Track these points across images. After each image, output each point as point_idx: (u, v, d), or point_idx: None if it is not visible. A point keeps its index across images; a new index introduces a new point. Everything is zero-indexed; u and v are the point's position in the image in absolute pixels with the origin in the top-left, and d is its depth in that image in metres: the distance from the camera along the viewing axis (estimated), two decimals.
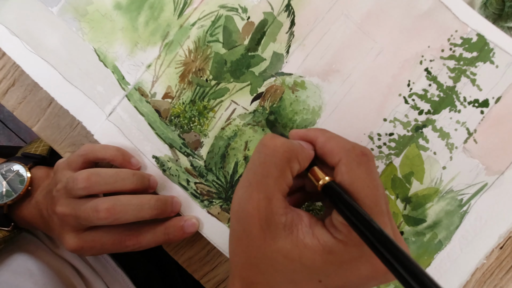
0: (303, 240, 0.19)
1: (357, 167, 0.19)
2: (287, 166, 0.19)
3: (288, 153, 0.20)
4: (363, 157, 0.20)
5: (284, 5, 0.28)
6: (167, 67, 0.29)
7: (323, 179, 0.20)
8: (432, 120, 0.27)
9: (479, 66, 0.27)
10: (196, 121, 0.29)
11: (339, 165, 0.20)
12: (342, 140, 0.21)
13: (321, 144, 0.21)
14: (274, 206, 0.19)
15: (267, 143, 0.20)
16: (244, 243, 0.20)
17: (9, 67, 0.32)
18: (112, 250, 0.27)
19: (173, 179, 0.29)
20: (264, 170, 0.19)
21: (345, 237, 0.18)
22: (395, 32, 0.28)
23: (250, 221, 0.19)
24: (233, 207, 0.21)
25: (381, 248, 0.15)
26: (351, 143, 0.20)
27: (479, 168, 0.27)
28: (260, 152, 0.20)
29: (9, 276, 0.30)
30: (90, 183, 0.25)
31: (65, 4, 0.30)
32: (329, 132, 0.22)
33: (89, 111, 0.30)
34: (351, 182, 0.19)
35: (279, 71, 0.28)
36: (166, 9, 0.29)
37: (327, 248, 0.18)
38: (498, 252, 0.29)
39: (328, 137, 0.21)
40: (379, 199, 0.19)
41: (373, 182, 0.19)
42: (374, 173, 0.20)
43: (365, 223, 0.17)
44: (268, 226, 0.19)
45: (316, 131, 0.22)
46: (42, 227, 0.31)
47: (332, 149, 0.20)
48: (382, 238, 0.16)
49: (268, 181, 0.19)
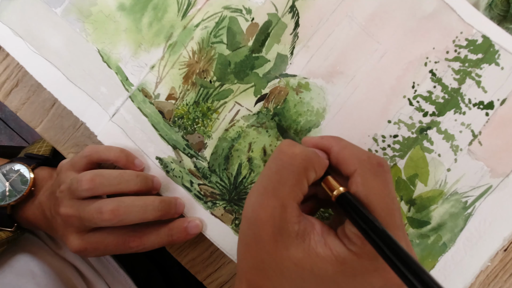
0: (315, 249, 0.18)
1: (373, 179, 0.19)
2: (303, 174, 0.19)
3: (306, 162, 0.19)
4: (379, 168, 0.19)
5: (289, 7, 0.28)
6: (171, 68, 0.29)
7: (338, 190, 0.19)
8: (436, 122, 0.27)
9: (484, 68, 0.27)
10: (199, 123, 0.29)
11: (355, 175, 0.19)
12: (357, 149, 0.20)
13: (335, 153, 0.21)
14: (288, 214, 0.19)
15: (285, 150, 0.20)
16: (253, 249, 0.20)
17: (12, 68, 0.32)
18: (115, 251, 0.27)
19: (176, 180, 0.29)
20: (281, 177, 0.19)
21: (358, 249, 0.18)
22: (400, 33, 0.27)
23: (262, 227, 0.19)
24: (246, 212, 0.20)
25: (397, 262, 0.15)
26: (366, 153, 0.20)
27: (483, 171, 0.27)
28: (277, 158, 0.20)
29: (12, 278, 0.30)
30: (94, 185, 0.25)
31: (69, 5, 0.30)
32: (344, 141, 0.21)
33: (92, 112, 0.30)
34: (366, 193, 0.19)
35: (283, 72, 0.28)
36: (170, 10, 0.29)
37: (340, 259, 0.18)
38: (502, 255, 0.29)
39: (343, 146, 0.21)
40: (395, 212, 0.19)
41: (389, 195, 0.19)
42: (390, 185, 0.19)
43: (381, 236, 0.16)
44: (281, 233, 0.19)
45: (330, 139, 0.21)
46: (45, 227, 0.31)
47: (347, 158, 0.20)
48: (399, 252, 0.15)
49: (284, 189, 0.19)
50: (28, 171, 0.31)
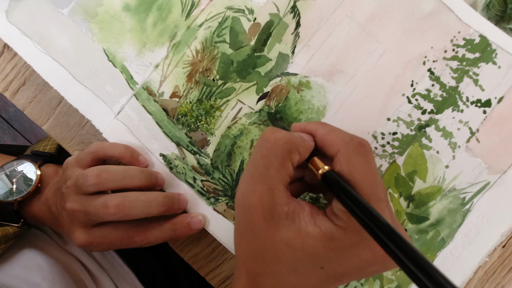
0: (305, 229, 0.19)
1: (355, 157, 0.20)
2: (287, 157, 0.20)
3: (288, 145, 0.20)
4: (361, 148, 0.20)
5: (290, 7, 0.29)
6: (175, 67, 0.30)
7: (323, 168, 0.20)
8: (435, 120, 0.28)
9: (481, 67, 0.27)
10: (203, 120, 0.29)
11: (338, 155, 0.20)
12: (341, 132, 0.22)
13: (321, 135, 0.22)
14: (276, 196, 0.19)
15: (267, 136, 0.21)
16: (248, 235, 0.20)
17: (20, 67, 0.33)
18: (120, 246, 0.27)
19: (180, 176, 0.30)
20: (266, 162, 0.20)
21: (344, 224, 0.19)
22: (398, 33, 0.28)
23: (253, 212, 0.20)
24: (237, 200, 0.21)
25: (379, 232, 0.16)
26: (349, 135, 0.21)
27: (481, 167, 0.27)
28: (261, 145, 0.21)
29: (19, 270, 0.31)
30: (100, 180, 0.26)
31: (76, 6, 0.31)
32: (329, 125, 0.22)
33: (98, 110, 0.31)
34: (349, 171, 0.19)
35: (284, 71, 0.29)
36: (174, 10, 0.30)
37: (328, 235, 0.19)
38: (500, 251, 0.29)
39: (328, 130, 0.22)
40: (377, 186, 0.19)
41: (370, 171, 0.20)
42: (372, 162, 0.20)
43: (363, 209, 0.17)
44: (271, 216, 0.19)
45: (316, 124, 0.22)
46: (51, 223, 0.32)
47: (332, 140, 0.21)
48: (379, 223, 0.16)
49: (270, 173, 0.20)
50: (35, 168, 0.32)
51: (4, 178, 0.31)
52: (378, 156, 0.28)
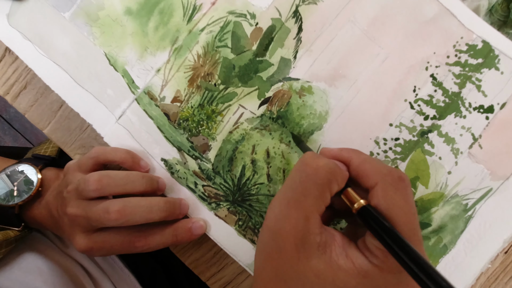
0: (337, 261, 0.18)
1: (395, 192, 0.19)
2: (327, 186, 0.19)
3: (330, 174, 0.20)
4: (400, 183, 0.19)
5: (292, 12, 0.29)
6: (176, 71, 0.30)
7: (359, 202, 0.19)
8: (437, 126, 0.28)
9: (484, 73, 0.27)
10: (204, 125, 0.29)
11: (376, 188, 0.19)
12: (378, 162, 0.21)
13: (355, 165, 0.21)
14: (311, 225, 0.19)
15: (309, 162, 0.20)
16: (275, 260, 0.20)
17: (21, 71, 0.33)
18: (121, 251, 0.27)
19: (181, 181, 0.30)
20: (305, 189, 0.19)
21: (381, 263, 0.18)
22: (401, 38, 0.28)
23: (285, 238, 0.19)
24: (268, 223, 0.20)
25: (423, 276, 0.15)
26: (387, 167, 0.20)
27: (484, 173, 0.27)
28: (301, 170, 0.20)
29: (20, 274, 0.31)
30: (101, 185, 0.26)
31: (77, 9, 0.31)
32: (363, 154, 0.22)
33: (99, 114, 0.31)
34: (388, 207, 0.19)
35: (286, 76, 0.29)
36: (176, 14, 0.30)
37: (362, 272, 0.18)
38: (503, 257, 0.29)
39: (363, 159, 0.21)
40: (416, 226, 0.19)
41: (410, 209, 0.19)
42: (411, 199, 0.19)
43: (406, 250, 0.16)
44: (303, 245, 0.19)
45: (349, 152, 0.21)
46: (52, 227, 0.31)
47: (368, 171, 0.20)
48: (424, 266, 0.15)
49: (307, 201, 0.19)
50: (36, 172, 0.32)
51: (5, 179, 0.31)
52: None
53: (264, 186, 0.29)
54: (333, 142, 0.28)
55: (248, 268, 0.29)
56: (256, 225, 0.29)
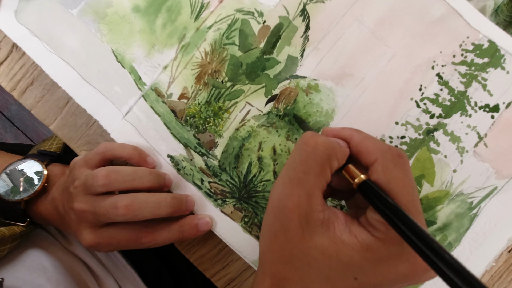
0: (341, 237, 0.19)
1: (394, 168, 0.19)
2: (327, 163, 0.20)
3: (329, 150, 0.20)
4: (399, 159, 0.20)
5: (300, 10, 0.29)
6: (184, 68, 0.30)
7: (359, 177, 0.20)
8: (443, 124, 0.28)
9: (490, 72, 0.28)
10: (211, 122, 0.30)
11: (376, 164, 0.20)
12: (377, 140, 0.21)
13: (356, 142, 0.21)
14: (313, 202, 0.19)
15: (308, 141, 0.20)
16: (280, 239, 0.20)
17: (28, 67, 0.33)
18: (127, 246, 0.27)
19: (187, 178, 0.30)
20: (305, 167, 0.20)
21: (383, 235, 0.18)
22: (408, 37, 0.28)
23: (289, 216, 0.19)
24: (271, 202, 0.21)
25: (422, 246, 0.16)
26: (386, 145, 0.21)
27: (489, 172, 0.28)
28: (300, 149, 0.20)
29: (24, 272, 0.31)
30: (109, 181, 0.26)
31: (85, 7, 0.31)
32: (363, 132, 0.22)
33: (106, 110, 0.31)
34: (387, 181, 0.19)
35: (293, 74, 0.29)
36: (183, 12, 0.30)
37: (365, 245, 0.18)
38: (507, 255, 0.29)
39: (364, 137, 0.21)
40: (416, 199, 0.19)
41: (409, 183, 0.19)
42: (410, 174, 0.20)
43: (405, 221, 0.17)
44: (307, 222, 0.19)
45: (350, 130, 0.22)
46: (58, 223, 0.31)
47: (368, 148, 0.20)
48: (423, 236, 0.16)
49: (308, 178, 0.20)
50: (41, 167, 0.32)
51: (11, 174, 0.31)
52: None
53: (270, 183, 0.29)
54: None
55: (254, 265, 0.29)
56: (261, 222, 0.29)
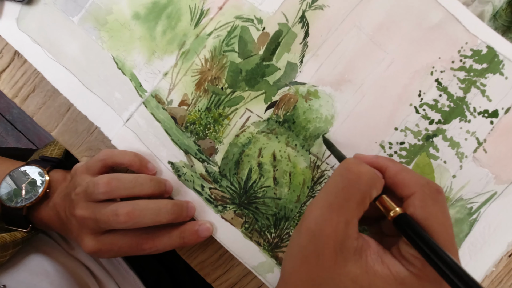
0: (373, 267, 0.19)
1: (432, 203, 0.19)
2: (368, 193, 0.20)
3: (372, 181, 0.20)
4: (438, 195, 0.20)
5: (299, 17, 0.29)
6: (184, 75, 0.30)
7: (395, 210, 0.20)
8: (442, 130, 0.28)
9: (488, 78, 0.28)
10: (211, 128, 0.30)
11: (413, 198, 0.20)
12: (414, 173, 0.21)
13: (392, 173, 0.21)
14: (350, 230, 0.19)
15: (352, 168, 0.20)
16: (312, 263, 0.20)
17: (30, 74, 0.33)
18: (128, 253, 0.28)
19: (188, 184, 0.30)
20: (347, 194, 0.20)
21: (419, 271, 0.18)
22: (406, 43, 0.28)
23: (325, 241, 0.19)
24: (307, 224, 0.20)
25: (463, 286, 0.16)
26: (425, 178, 0.20)
27: (488, 177, 0.28)
28: (343, 176, 0.20)
29: (27, 276, 0.31)
30: (110, 188, 0.26)
31: (86, 14, 0.31)
32: (398, 163, 0.22)
33: (107, 117, 0.31)
34: (425, 217, 0.19)
35: (293, 80, 0.29)
36: (183, 19, 0.30)
37: (399, 279, 0.18)
38: (507, 260, 0.29)
39: (400, 168, 0.21)
40: (453, 239, 0.19)
41: (448, 221, 0.19)
42: (448, 212, 0.20)
43: (446, 261, 0.17)
44: (341, 249, 0.19)
45: (385, 160, 0.22)
46: (60, 228, 0.32)
47: (405, 180, 0.20)
48: (465, 278, 0.16)
49: (349, 205, 0.19)
50: (43, 174, 0.32)
51: (13, 181, 0.31)
52: None
53: (270, 189, 0.29)
54: (339, 145, 0.28)
55: (254, 270, 0.29)
56: (262, 228, 0.29)
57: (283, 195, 0.29)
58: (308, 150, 0.29)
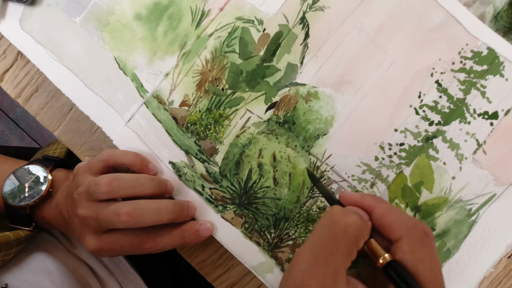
0: None
1: (420, 248, 0.19)
2: (355, 244, 0.20)
3: (359, 232, 0.20)
4: (426, 238, 0.20)
5: (299, 18, 0.29)
6: (185, 76, 0.30)
7: (384, 257, 0.19)
8: (442, 131, 0.28)
9: (489, 79, 0.28)
10: (212, 129, 0.30)
11: (401, 242, 0.19)
12: (402, 214, 0.21)
13: (379, 215, 0.21)
14: (338, 281, 0.19)
15: (338, 220, 0.20)
16: None
17: (33, 74, 0.33)
18: (130, 252, 0.28)
19: (188, 184, 0.30)
20: (333, 247, 0.20)
21: None
22: (407, 44, 0.28)
23: None
24: (293, 278, 0.20)
25: None
26: (411, 219, 0.20)
27: (488, 179, 0.28)
28: (329, 228, 0.20)
29: (29, 275, 0.32)
30: (112, 188, 0.26)
31: (88, 15, 0.31)
32: (386, 202, 0.22)
33: (108, 117, 0.31)
34: (414, 263, 0.19)
35: (293, 81, 0.29)
36: (184, 20, 0.30)
37: None
38: (506, 261, 0.29)
39: (386, 209, 0.21)
40: (442, 284, 0.19)
41: (436, 266, 0.19)
42: (437, 255, 0.20)
43: None
44: None
45: (370, 200, 0.22)
46: (62, 227, 0.32)
47: (392, 223, 0.20)
48: None
49: (336, 258, 0.19)
50: (46, 173, 0.32)
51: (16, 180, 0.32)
52: (385, 167, 0.28)
53: (270, 190, 0.29)
54: (339, 146, 0.29)
55: (254, 270, 0.30)
56: (262, 228, 0.29)
57: (283, 195, 0.29)
58: (308, 151, 0.29)
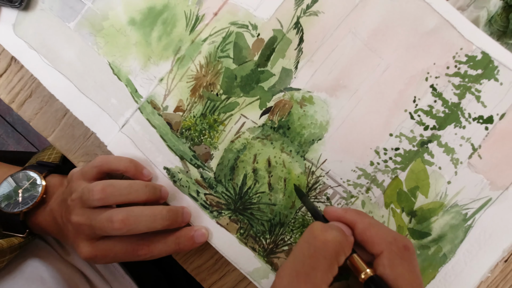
0: None
1: (400, 263, 0.20)
2: (335, 259, 0.20)
3: (338, 247, 0.20)
4: (405, 252, 0.20)
5: (293, 23, 0.29)
6: (179, 81, 0.30)
7: (365, 272, 0.20)
8: (437, 136, 0.28)
9: (483, 83, 0.28)
10: (206, 134, 0.30)
11: (381, 257, 0.20)
12: (383, 229, 0.21)
13: (360, 230, 0.21)
14: None
15: (317, 236, 0.20)
16: None
17: (26, 79, 0.33)
18: (124, 259, 0.28)
19: (183, 190, 0.30)
20: (313, 262, 0.20)
21: None
22: (401, 49, 0.28)
23: None
24: None
25: None
26: (392, 234, 0.21)
27: (483, 183, 0.28)
28: (310, 243, 0.21)
29: (23, 283, 0.31)
30: (105, 195, 0.26)
31: (82, 20, 0.31)
32: (368, 217, 0.22)
33: (103, 122, 0.31)
34: (394, 277, 0.19)
35: (287, 86, 0.29)
36: (179, 25, 0.30)
37: None
38: (502, 266, 0.29)
39: (368, 224, 0.21)
40: None
41: (416, 280, 0.19)
42: (417, 268, 0.20)
43: None
44: None
45: (353, 215, 0.22)
46: (56, 233, 0.32)
47: (373, 238, 0.21)
48: None
49: (316, 274, 0.20)
50: (40, 179, 0.32)
51: (10, 186, 0.31)
52: (381, 172, 0.28)
53: (265, 195, 0.29)
54: (334, 151, 0.28)
55: (249, 276, 0.29)
56: (257, 233, 0.29)
57: (278, 201, 0.29)
58: (303, 156, 0.29)
